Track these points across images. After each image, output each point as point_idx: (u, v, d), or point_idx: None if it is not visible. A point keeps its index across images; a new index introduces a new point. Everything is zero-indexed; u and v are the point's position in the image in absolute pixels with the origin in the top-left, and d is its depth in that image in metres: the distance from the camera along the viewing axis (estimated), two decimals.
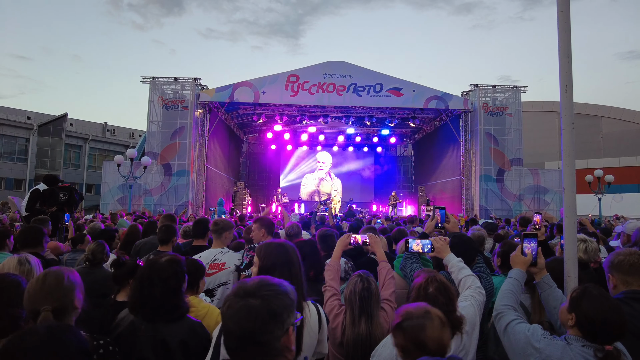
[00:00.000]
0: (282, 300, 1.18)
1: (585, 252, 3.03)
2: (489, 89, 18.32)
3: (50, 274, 1.79)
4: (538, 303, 2.40)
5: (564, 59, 2.10)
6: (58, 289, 1.73)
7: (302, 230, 5.17)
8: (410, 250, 2.78)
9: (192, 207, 16.71)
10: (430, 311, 1.64)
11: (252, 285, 1.19)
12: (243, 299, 1.15)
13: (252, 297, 1.15)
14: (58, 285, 1.74)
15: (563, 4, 2.06)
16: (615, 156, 28.79)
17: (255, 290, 1.17)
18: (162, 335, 1.91)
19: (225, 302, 1.18)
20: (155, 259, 2.07)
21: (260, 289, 1.18)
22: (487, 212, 16.53)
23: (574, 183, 2.16)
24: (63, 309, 1.71)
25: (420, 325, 1.59)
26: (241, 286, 1.20)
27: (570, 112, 2.13)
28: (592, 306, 1.73)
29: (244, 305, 1.13)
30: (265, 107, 19.17)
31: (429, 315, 1.62)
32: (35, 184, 6.18)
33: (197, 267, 2.56)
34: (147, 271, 2.01)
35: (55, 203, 6.04)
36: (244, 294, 1.16)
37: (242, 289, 1.18)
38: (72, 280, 1.80)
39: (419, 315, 1.62)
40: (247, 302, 1.14)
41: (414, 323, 1.60)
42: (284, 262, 1.95)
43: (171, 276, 2.00)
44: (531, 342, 1.87)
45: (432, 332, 1.58)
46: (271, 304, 1.15)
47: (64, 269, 1.85)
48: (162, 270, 1.99)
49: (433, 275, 2.09)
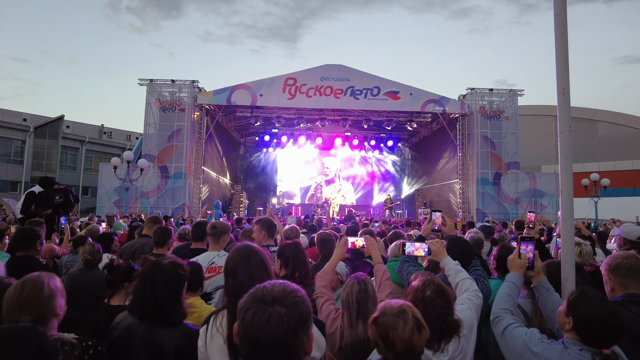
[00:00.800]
0: (307, 306, 1.17)
1: (580, 255, 3.03)
2: (485, 93, 18.40)
3: (28, 282, 1.73)
4: (538, 307, 2.39)
5: (560, 62, 2.10)
6: (36, 297, 1.69)
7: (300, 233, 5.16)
8: (407, 254, 2.77)
9: (188, 209, 16.65)
10: (407, 311, 1.61)
11: (278, 292, 1.16)
12: (271, 306, 1.11)
13: (280, 304, 1.12)
14: (36, 294, 1.69)
15: (560, 7, 2.06)
16: (611, 160, 28.96)
17: (283, 296, 1.14)
18: (158, 340, 1.90)
19: (247, 309, 1.12)
20: (159, 260, 2.07)
21: (286, 295, 1.15)
22: (484, 216, 16.55)
23: (571, 186, 2.16)
24: (42, 317, 1.67)
25: (392, 323, 1.57)
26: (264, 292, 1.16)
27: (567, 116, 2.13)
28: (590, 309, 1.73)
29: (275, 313, 1.10)
30: (263, 110, 19.17)
31: (403, 315, 1.59)
32: (31, 186, 6.14)
33: (198, 268, 2.57)
34: (151, 271, 2.00)
35: (50, 205, 5.99)
36: (271, 301, 1.12)
37: (268, 295, 1.14)
38: (52, 287, 1.75)
39: (393, 314, 1.60)
40: (276, 309, 1.10)
41: (387, 320, 1.59)
42: (245, 266, 1.94)
43: (174, 278, 2.01)
44: (529, 346, 1.86)
45: (402, 333, 1.55)
46: (301, 310, 1.14)
47: (44, 275, 1.78)
48: (165, 271, 2.00)
49: (430, 278, 2.07)
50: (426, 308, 1.95)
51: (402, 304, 1.65)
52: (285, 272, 2.66)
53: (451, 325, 1.97)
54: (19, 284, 1.74)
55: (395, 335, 1.55)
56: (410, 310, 1.63)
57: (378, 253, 2.93)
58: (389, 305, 1.66)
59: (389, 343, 1.56)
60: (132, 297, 2.01)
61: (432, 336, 1.93)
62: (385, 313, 1.62)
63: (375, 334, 1.61)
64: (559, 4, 2.06)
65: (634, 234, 3.77)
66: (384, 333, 1.57)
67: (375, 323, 1.63)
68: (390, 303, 1.67)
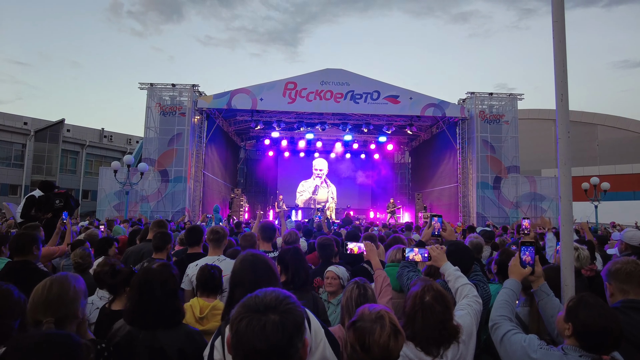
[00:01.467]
0: (300, 312, 1.17)
1: (578, 259, 3.03)
2: (485, 97, 18.44)
3: (55, 282, 1.76)
4: (536, 313, 2.39)
5: (559, 69, 2.11)
6: (62, 299, 1.72)
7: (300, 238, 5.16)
8: (407, 259, 2.77)
9: (188, 213, 16.64)
10: (385, 317, 1.61)
11: (271, 300, 1.15)
12: (264, 314, 1.11)
13: (273, 311, 1.12)
14: (62, 296, 1.72)
15: (558, 15, 2.08)
16: (611, 164, 28.98)
17: (276, 304, 1.14)
18: (160, 343, 1.90)
19: (241, 319, 1.11)
20: (147, 266, 2.09)
21: (279, 302, 1.15)
22: (484, 220, 16.55)
23: (570, 191, 2.17)
24: (64, 319, 1.70)
25: (369, 328, 1.58)
26: (256, 301, 1.15)
27: (565, 121, 2.14)
28: (589, 315, 1.73)
29: (270, 321, 1.09)
30: (263, 114, 19.20)
31: (381, 321, 1.60)
32: (31, 189, 6.13)
33: (220, 272, 2.66)
34: (144, 277, 2.01)
35: (50, 209, 5.99)
36: (265, 309, 1.12)
37: (261, 304, 1.14)
38: (78, 289, 1.79)
39: (371, 319, 1.61)
40: (270, 317, 1.10)
41: (364, 325, 1.60)
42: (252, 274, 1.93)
43: (169, 279, 2.02)
44: (528, 353, 1.86)
45: (379, 338, 1.55)
46: (295, 317, 1.14)
47: (71, 276, 1.82)
48: (159, 274, 2.01)
49: (430, 284, 2.07)
50: (425, 313, 1.95)
51: (380, 310, 1.65)
52: (285, 277, 2.66)
53: (450, 331, 1.97)
54: (46, 284, 1.76)
55: (372, 341, 1.56)
56: (387, 316, 1.63)
57: (377, 259, 2.93)
58: (367, 310, 1.66)
59: (365, 348, 1.57)
60: (129, 307, 2.00)
61: (431, 342, 1.94)
62: (363, 318, 1.63)
63: (352, 339, 1.62)
64: (557, 11, 2.07)
65: (636, 240, 3.76)
66: (361, 338, 1.58)
67: (353, 327, 1.64)
68: (369, 308, 1.68)
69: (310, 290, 2.69)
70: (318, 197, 25.77)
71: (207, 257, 3.45)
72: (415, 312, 1.99)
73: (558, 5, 2.05)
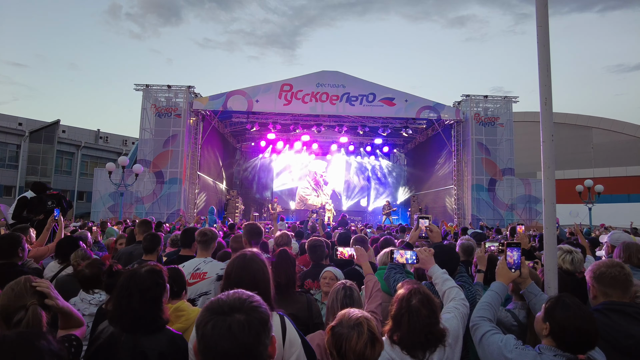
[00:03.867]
0: (265, 310, 1.18)
1: (572, 263, 3.03)
2: (480, 100, 18.52)
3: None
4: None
5: (543, 73, 2.13)
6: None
7: (291, 240, 5.15)
8: (395, 261, 2.77)
9: (183, 215, 16.59)
10: (363, 324, 1.61)
11: (233, 300, 1.16)
12: (229, 315, 1.11)
13: (238, 311, 1.12)
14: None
15: (542, 19, 2.10)
16: (605, 166, 29.15)
17: (239, 304, 1.15)
18: (142, 347, 1.89)
19: (206, 322, 1.10)
20: (135, 269, 2.06)
21: (242, 302, 1.15)
22: (479, 222, 16.60)
23: (554, 194, 2.18)
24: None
25: (346, 335, 1.59)
26: (219, 303, 1.15)
27: (550, 125, 2.16)
28: (565, 315, 1.75)
29: (235, 321, 1.09)
30: (259, 116, 19.19)
31: (359, 328, 1.60)
32: (26, 190, 6.08)
33: (178, 272, 2.57)
34: (126, 282, 1.97)
35: (42, 211, 5.94)
36: (229, 310, 1.12)
37: (225, 306, 1.14)
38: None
39: (349, 325, 1.61)
40: (236, 317, 1.10)
41: (342, 331, 1.60)
42: (249, 275, 1.93)
43: (151, 287, 1.98)
44: (503, 353, 1.87)
45: (355, 345, 1.56)
46: (260, 314, 1.14)
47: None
48: (141, 281, 1.97)
49: (417, 287, 2.07)
50: (411, 317, 1.95)
51: (360, 316, 1.65)
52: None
53: (436, 334, 1.97)
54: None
55: (348, 347, 1.57)
56: (366, 323, 1.63)
57: (368, 264, 2.93)
58: (347, 315, 1.67)
59: (341, 354, 1.58)
60: (112, 309, 1.99)
61: (416, 345, 1.94)
62: (341, 324, 1.63)
63: (330, 343, 1.63)
64: (541, 16, 2.09)
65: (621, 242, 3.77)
66: (337, 343, 1.59)
67: (331, 332, 1.64)
68: (349, 313, 1.68)
69: (293, 293, 2.67)
70: (314, 199, 25.76)
71: (194, 259, 3.44)
72: (401, 315, 1.99)
73: (542, 11, 2.07)
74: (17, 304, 1.71)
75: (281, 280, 2.56)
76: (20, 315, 1.72)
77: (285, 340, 1.82)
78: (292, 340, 1.79)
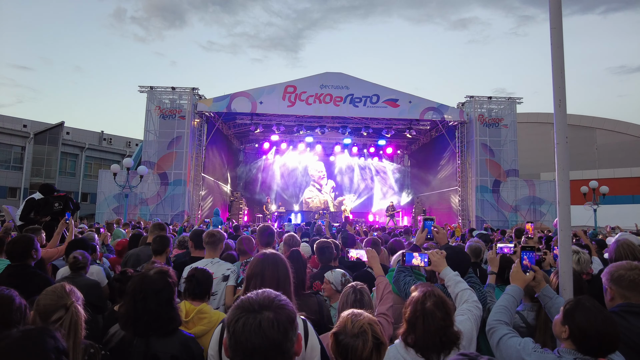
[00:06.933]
0: (292, 308, 1.23)
1: (578, 263, 3.04)
2: (484, 101, 18.47)
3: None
4: (543, 317, 2.38)
5: (557, 74, 2.12)
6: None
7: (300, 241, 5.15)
8: (406, 264, 2.76)
9: (188, 216, 16.61)
10: (367, 331, 1.61)
11: (262, 299, 1.21)
12: (259, 312, 1.16)
13: (267, 309, 1.17)
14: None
15: (556, 21, 2.09)
16: (609, 167, 29.01)
17: (268, 302, 1.20)
18: (154, 350, 1.89)
19: (237, 319, 1.16)
20: (144, 272, 2.06)
21: (271, 300, 1.21)
22: (483, 223, 16.54)
23: (568, 196, 2.18)
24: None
25: (351, 344, 1.59)
26: (250, 302, 1.20)
27: (564, 127, 2.15)
28: (586, 318, 1.73)
29: (265, 318, 1.15)
30: (263, 117, 19.22)
31: (363, 336, 1.60)
32: (30, 192, 6.11)
33: (208, 275, 2.58)
34: (139, 285, 1.98)
35: (49, 212, 5.97)
36: (259, 308, 1.17)
37: (255, 304, 1.19)
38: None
39: (353, 334, 1.61)
40: (265, 315, 1.16)
41: (346, 341, 1.60)
42: (282, 274, 1.95)
43: (164, 288, 2.00)
44: (522, 356, 1.86)
45: (361, 354, 1.57)
46: (288, 312, 1.20)
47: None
48: (154, 282, 1.99)
49: (431, 290, 2.06)
50: (426, 320, 1.94)
51: (363, 323, 1.64)
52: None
53: (450, 337, 1.97)
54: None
55: (354, 357, 1.57)
56: (370, 329, 1.63)
57: (379, 266, 2.92)
58: (350, 323, 1.66)
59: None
60: (124, 313, 1.99)
61: (431, 348, 1.94)
62: (345, 332, 1.62)
63: (334, 350, 1.62)
64: (555, 18, 2.09)
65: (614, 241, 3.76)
66: (343, 353, 1.60)
67: (335, 339, 1.64)
68: (352, 319, 1.67)
69: (314, 294, 2.68)
70: (318, 200, 25.74)
71: (202, 260, 3.46)
72: (416, 318, 1.98)
73: (556, 13, 2.07)
74: (59, 304, 1.76)
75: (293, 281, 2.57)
76: (60, 313, 1.75)
77: (308, 344, 1.84)
78: (314, 345, 1.82)
